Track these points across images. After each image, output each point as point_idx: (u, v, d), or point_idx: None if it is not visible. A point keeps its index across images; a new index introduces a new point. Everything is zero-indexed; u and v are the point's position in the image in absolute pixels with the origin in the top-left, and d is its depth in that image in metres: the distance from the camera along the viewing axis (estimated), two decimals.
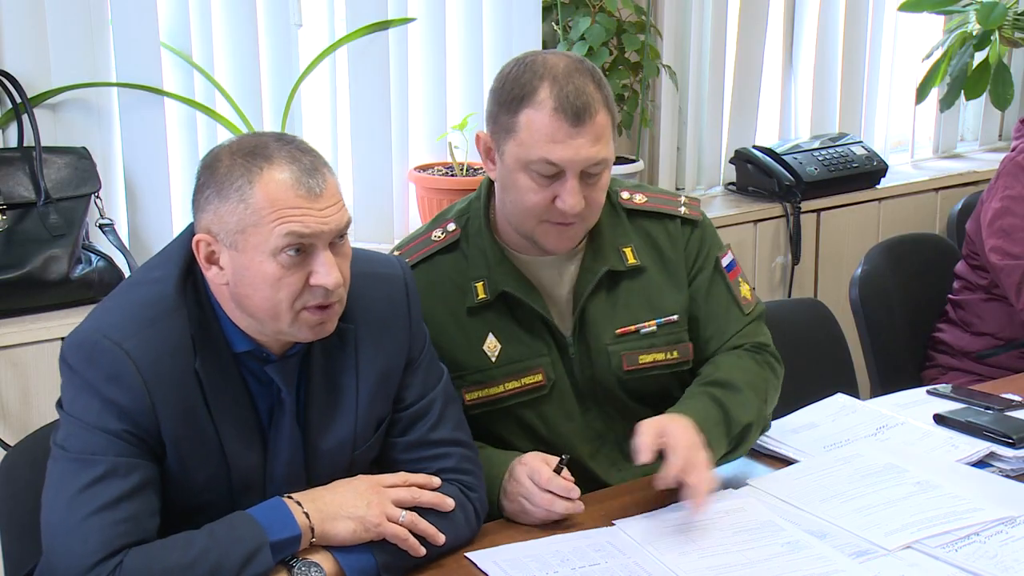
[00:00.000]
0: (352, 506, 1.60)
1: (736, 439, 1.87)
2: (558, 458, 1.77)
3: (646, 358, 1.94)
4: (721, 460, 1.85)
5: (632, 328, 1.94)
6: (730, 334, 1.99)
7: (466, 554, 1.68)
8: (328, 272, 1.53)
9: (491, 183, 1.94)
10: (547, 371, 1.92)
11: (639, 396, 1.96)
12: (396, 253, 1.95)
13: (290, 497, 1.59)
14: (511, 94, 1.81)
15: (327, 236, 1.53)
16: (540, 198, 1.81)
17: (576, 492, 1.74)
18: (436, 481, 1.69)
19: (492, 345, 1.91)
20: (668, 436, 1.73)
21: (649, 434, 1.73)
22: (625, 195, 1.99)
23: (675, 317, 1.97)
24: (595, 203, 1.84)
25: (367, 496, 1.62)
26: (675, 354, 1.97)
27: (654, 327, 1.95)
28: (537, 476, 1.75)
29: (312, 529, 1.57)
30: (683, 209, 2.01)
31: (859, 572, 1.61)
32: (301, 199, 1.51)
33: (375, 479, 1.66)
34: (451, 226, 1.95)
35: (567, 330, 1.93)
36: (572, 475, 1.77)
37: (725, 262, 2.02)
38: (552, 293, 1.94)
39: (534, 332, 1.92)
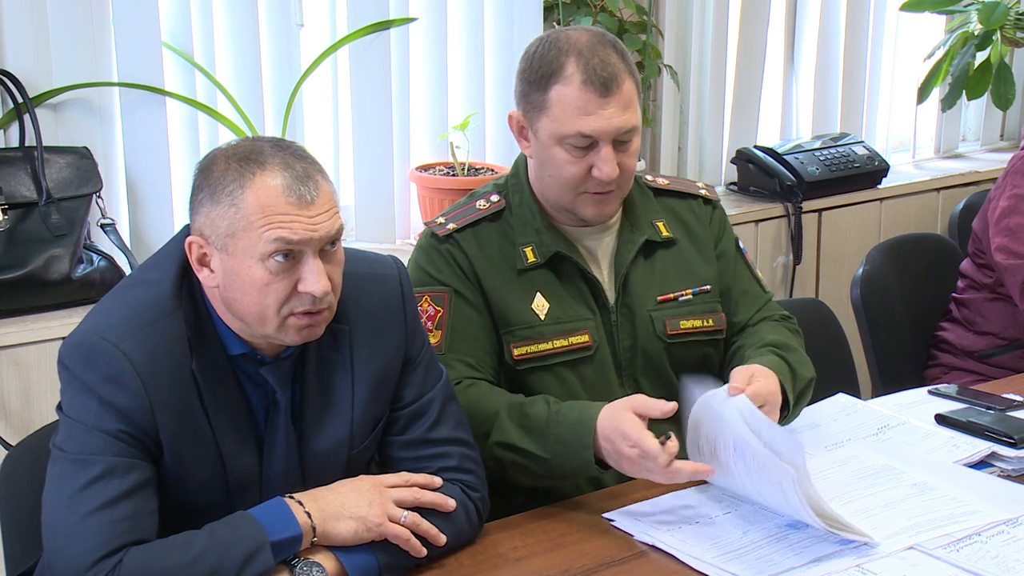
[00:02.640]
0: (354, 506, 1.60)
1: (800, 394, 1.97)
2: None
3: (686, 324, 2.04)
4: (784, 416, 1.92)
5: (671, 296, 2.04)
6: (756, 307, 2.12)
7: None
8: (316, 280, 1.53)
9: (527, 159, 2.03)
10: (592, 334, 1.98)
11: (680, 365, 2.03)
12: (441, 219, 2.02)
13: (291, 497, 1.59)
14: (539, 72, 1.89)
15: (316, 243, 1.53)
16: (577, 169, 1.90)
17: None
18: (438, 481, 1.69)
19: (540, 304, 1.97)
20: (756, 378, 1.82)
21: (743, 376, 1.81)
22: (648, 177, 2.12)
23: (708, 287, 2.07)
24: (628, 169, 1.94)
25: (369, 496, 1.62)
26: (711, 322, 2.06)
27: (690, 295, 2.05)
28: (652, 461, 1.73)
29: (314, 529, 1.57)
30: (703, 191, 2.14)
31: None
32: (291, 206, 1.51)
33: (377, 479, 1.66)
34: (494, 197, 2.03)
35: (611, 297, 2.01)
36: None
37: (741, 245, 2.17)
38: (595, 263, 2.02)
39: (579, 297, 1.99)
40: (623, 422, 1.76)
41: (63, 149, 2.56)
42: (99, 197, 2.58)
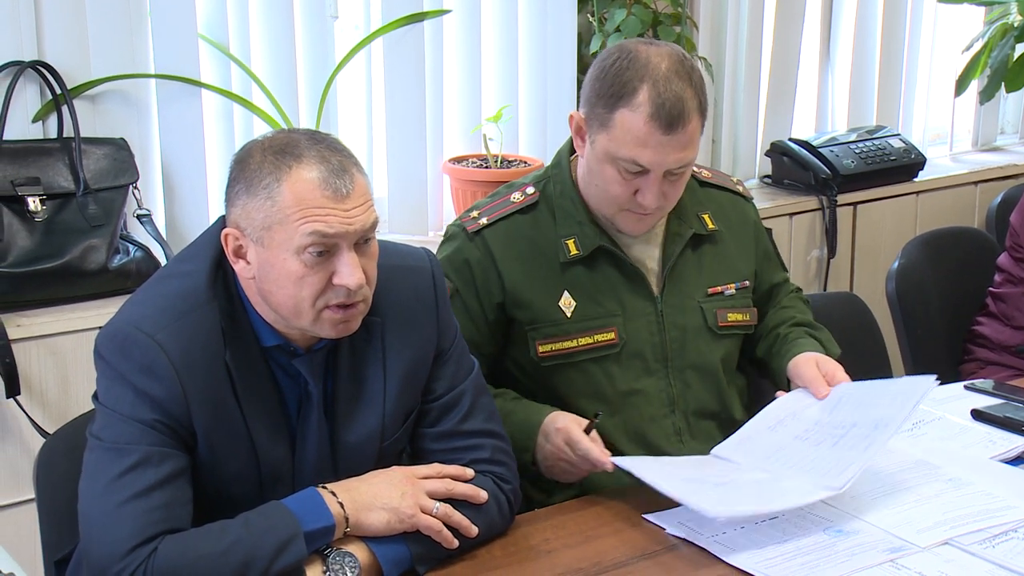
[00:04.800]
0: (387, 497, 1.60)
1: None
2: (587, 420, 1.87)
3: (732, 316, 2.07)
4: None
5: (719, 289, 2.06)
6: (787, 292, 2.21)
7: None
8: (351, 273, 1.54)
9: (571, 151, 2.03)
10: (619, 331, 1.98)
11: (724, 356, 2.06)
12: (474, 213, 2.02)
13: (324, 487, 1.60)
14: (610, 89, 1.87)
15: (352, 237, 1.54)
16: (623, 190, 1.91)
17: (607, 455, 1.84)
18: (470, 473, 1.70)
19: (567, 302, 1.97)
20: (824, 369, 1.96)
21: (813, 371, 1.95)
22: (694, 168, 2.10)
23: (747, 283, 2.10)
24: (673, 197, 1.94)
25: (401, 487, 1.62)
26: (748, 316, 2.10)
27: (733, 290, 2.07)
28: (575, 445, 1.84)
29: (346, 519, 1.58)
30: (739, 187, 2.17)
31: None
32: (327, 199, 1.52)
33: (410, 470, 1.67)
34: (530, 189, 2.03)
35: (655, 288, 2.00)
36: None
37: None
38: (639, 253, 2.02)
39: (611, 292, 1.99)
40: (564, 417, 1.88)
41: (100, 140, 2.58)
42: (135, 188, 2.60)
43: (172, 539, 1.50)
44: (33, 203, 2.45)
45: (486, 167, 3.02)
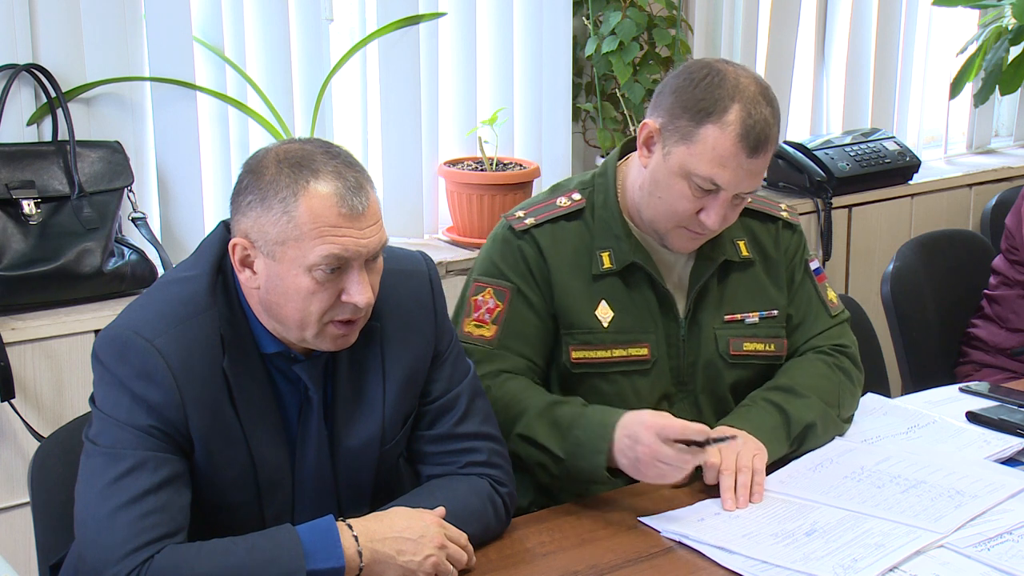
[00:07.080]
0: (410, 553, 1.55)
1: (798, 439, 1.94)
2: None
3: (749, 346, 2.03)
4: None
5: (738, 316, 2.02)
6: (814, 333, 2.08)
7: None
8: (361, 291, 1.55)
9: (618, 160, 2.01)
10: (652, 348, 1.97)
11: (736, 385, 2.02)
12: (520, 213, 2.00)
13: (345, 521, 1.56)
14: (700, 104, 1.84)
15: (364, 256, 1.55)
16: (689, 206, 1.88)
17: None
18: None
19: (604, 312, 1.96)
20: (741, 462, 1.82)
21: (724, 460, 1.81)
22: None
23: (775, 312, 2.05)
24: (731, 220, 1.93)
25: (426, 547, 1.56)
26: (772, 347, 2.05)
27: (756, 319, 2.03)
28: (666, 430, 1.77)
29: (360, 566, 1.53)
30: (784, 213, 2.10)
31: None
32: (343, 218, 1.52)
33: (441, 528, 1.60)
34: (576, 195, 2.01)
35: (681, 311, 1.99)
36: None
37: (814, 266, 2.12)
38: (669, 274, 2.00)
39: (645, 309, 1.98)
40: (646, 414, 1.80)
41: (95, 143, 2.58)
42: (130, 191, 2.60)
43: (172, 551, 1.49)
44: (28, 206, 2.45)
45: (481, 170, 3.02)
